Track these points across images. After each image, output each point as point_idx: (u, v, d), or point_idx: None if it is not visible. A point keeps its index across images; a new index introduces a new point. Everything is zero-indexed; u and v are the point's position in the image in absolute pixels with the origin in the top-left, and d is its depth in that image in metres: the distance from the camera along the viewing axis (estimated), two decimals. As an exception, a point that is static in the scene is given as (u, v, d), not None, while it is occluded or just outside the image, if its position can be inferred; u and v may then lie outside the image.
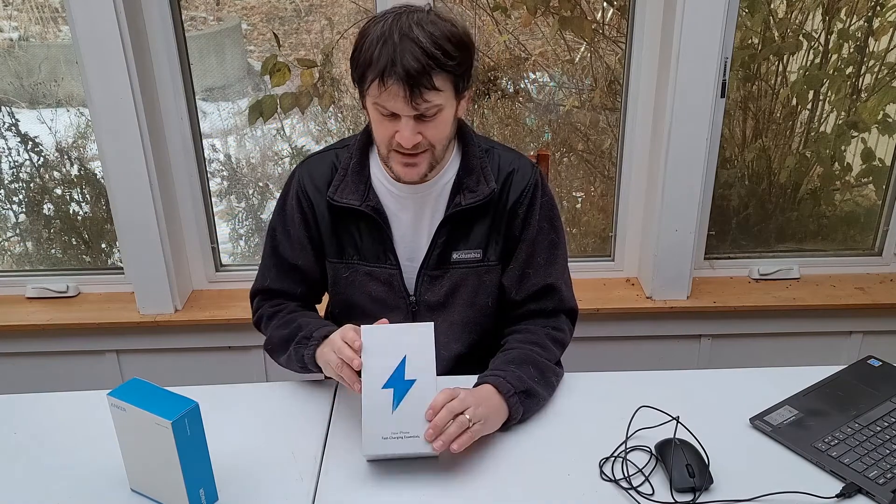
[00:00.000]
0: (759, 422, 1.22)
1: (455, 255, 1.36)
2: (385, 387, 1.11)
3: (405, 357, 1.11)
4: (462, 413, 1.11)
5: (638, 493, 1.09)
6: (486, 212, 1.35)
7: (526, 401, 1.22)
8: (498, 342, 1.44)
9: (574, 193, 2.38)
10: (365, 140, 1.37)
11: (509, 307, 1.41)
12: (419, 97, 1.16)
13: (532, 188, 1.37)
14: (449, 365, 1.40)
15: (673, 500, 1.07)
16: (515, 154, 1.41)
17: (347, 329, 1.17)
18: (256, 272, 1.48)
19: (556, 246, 1.40)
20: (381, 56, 1.15)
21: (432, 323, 1.13)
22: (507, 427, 1.22)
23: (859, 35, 2.12)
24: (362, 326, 1.14)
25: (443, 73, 1.18)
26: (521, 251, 1.38)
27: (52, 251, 2.32)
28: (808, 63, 2.16)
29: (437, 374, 1.13)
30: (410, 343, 1.12)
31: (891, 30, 2.10)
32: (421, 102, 1.17)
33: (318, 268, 1.42)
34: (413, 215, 1.36)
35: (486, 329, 1.43)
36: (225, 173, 2.29)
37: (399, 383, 1.11)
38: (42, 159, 2.21)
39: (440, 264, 1.37)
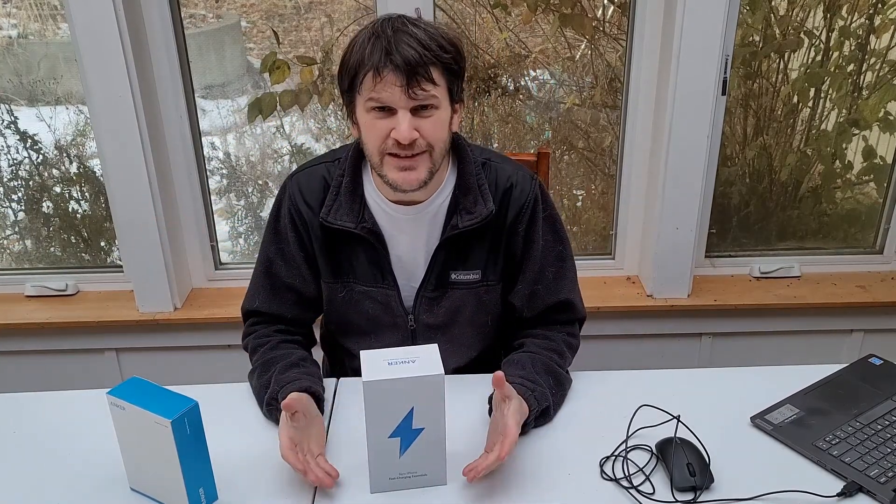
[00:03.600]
0: (760, 420, 1.22)
1: (454, 276, 1.32)
2: (391, 436, 1.05)
3: (413, 408, 1.04)
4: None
5: (639, 492, 1.09)
6: (484, 231, 1.30)
7: (539, 419, 1.21)
8: (498, 353, 1.42)
9: (574, 191, 2.37)
10: (355, 158, 1.30)
11: (522, 322, 1.38)
12: (416, 86, 1.14)
13: (531, 203, 1.31)
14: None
15: (674, 499, 1.07)
16: (513, 166, 1.35)
17: (287, 437, 1.07)
18: (247, 288, 1.42)
19: (564, 259, 1.36)
20: (374, 50, 1.13)
21: (437, 349, 1.06)
22: None
23: (860, 32, 2.11)
24: (362, 355, 1.06)
25: (439, 67, 1.16)
26: (528, 270, 1.34)
27: (52, 249, 2.31)
28: (810, 60, 2.16)
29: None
30: (419, 394, 1.03)
31: (892, 27, 2.10)
32: (418, 91, 1.14)
33: (314, 286, 1.37)
34: (410, 236, 1.31)
35: (485, 345, 1.42)
36: (224, 171, 2.29)
37: (406, 432, 1.05)
38: (41, 157, 2.20)
39: (439, 286, 1.33)
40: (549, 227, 1.35)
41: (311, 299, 1.39)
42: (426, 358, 1.05)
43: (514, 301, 1.36)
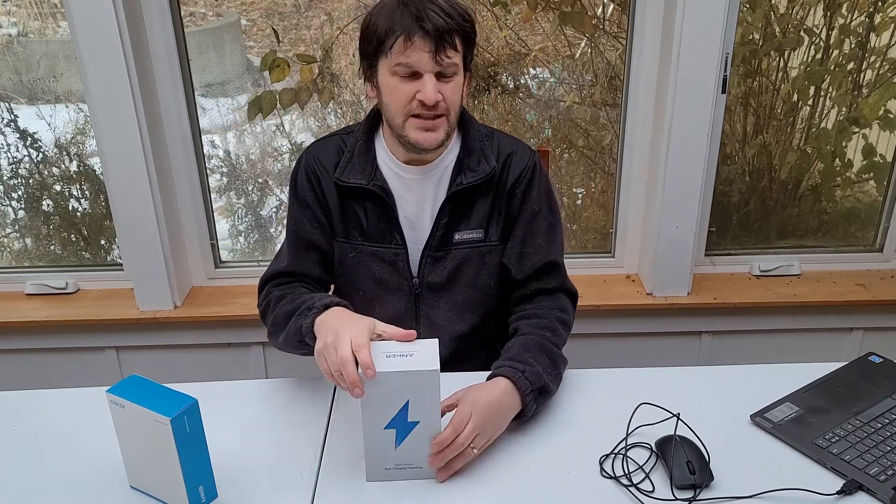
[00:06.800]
0: (760, 418, 1.22)
1: (457, 236, 1.39)
2: (387, 427, 1.07)
3: (408, 401, 1.06)
4: (469, 446, 1.11)
5: (638, 490, 1.09)
6: (486, 192, 1.38)
7: (539, 398, 1.22)
8: (500, 321, 1.47)
9: (574, 190, 2.37)
10: (370, 124, 1.40)
11: (513, 287, 1.43)
12: (443, 52, 1.22)
13: (531, 169, 1.40)
14: (452, 345, 1.42)
15: (673, 497, 1.07)
16: (514, 139, 1.45)
17: (360, 335, 1.06)
18: (269, 264, 1.45)
19: (554, 228, 1.43)
20: (404, 17, 1.21)
21: (437, 344, 1.07)
22: (516, 421, 1.22)
23: (860, 31, 2.11)
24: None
25: (460, 36, 1.25)
26: (519, 230, 1.40)
27: (52, 247, 2.31)
28: (809, 59, 2.15)
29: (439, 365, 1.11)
30: (414, 388, 1.05)
31: (892, 25, 2.09)
32: (444, 58, 1.22)
33: (332, 244, 1.43)
34: (417, 197, 1.38)
35: (488, 309, 1.45)
36: (224, 170, 2.29)
37: (402, 424, 1.07)
38: (41, 155, 2.20)
39: (443, 245, 1.39)
40: (545, 197, 1.42)
41: (331, 259, 1.44)
42: (424, 353, 1.06)
43: (505, 261, 1.42)
